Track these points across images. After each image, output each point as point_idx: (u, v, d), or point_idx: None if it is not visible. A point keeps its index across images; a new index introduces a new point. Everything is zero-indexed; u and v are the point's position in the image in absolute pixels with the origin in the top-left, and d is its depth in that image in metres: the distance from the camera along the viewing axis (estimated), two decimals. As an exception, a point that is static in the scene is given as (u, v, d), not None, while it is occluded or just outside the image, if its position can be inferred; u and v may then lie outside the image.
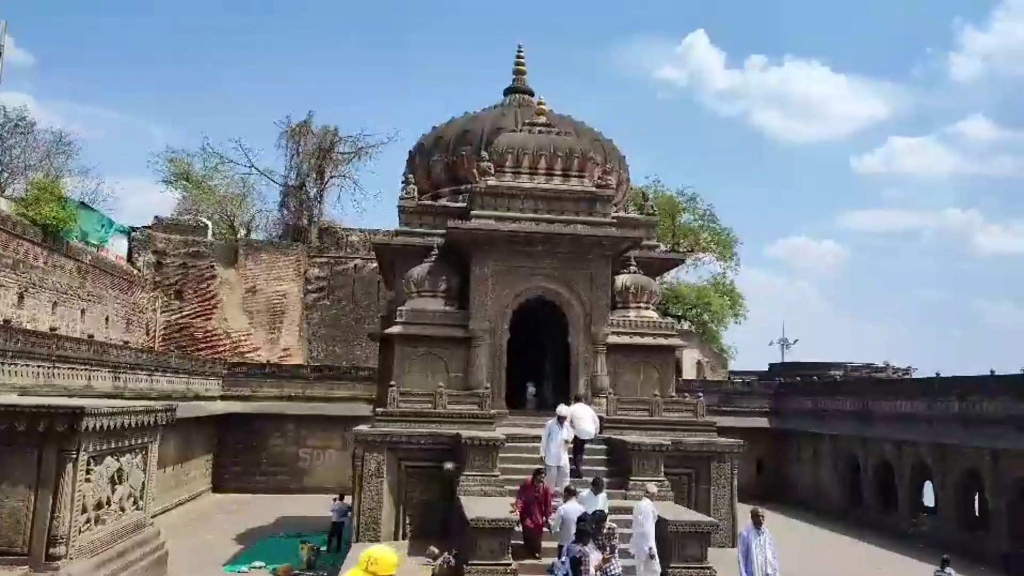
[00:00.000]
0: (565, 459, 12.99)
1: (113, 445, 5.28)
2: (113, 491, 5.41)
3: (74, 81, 76.94)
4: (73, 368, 16.71)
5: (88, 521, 4.92)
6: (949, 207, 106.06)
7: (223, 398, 26.44)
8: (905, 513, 21.31)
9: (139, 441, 5.77)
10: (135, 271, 30.68)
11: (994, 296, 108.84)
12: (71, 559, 4.60)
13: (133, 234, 32.40)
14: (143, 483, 5.92)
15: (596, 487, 10.97)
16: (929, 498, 21.67)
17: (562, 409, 13.42)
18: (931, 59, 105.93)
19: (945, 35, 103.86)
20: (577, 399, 15.14)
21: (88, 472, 4.85)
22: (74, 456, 4.75)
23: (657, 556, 10.64)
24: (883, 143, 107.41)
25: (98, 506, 5.09)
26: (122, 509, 5.57)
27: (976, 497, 19.93)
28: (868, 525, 22.05)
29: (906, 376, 33.23)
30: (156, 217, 34.99)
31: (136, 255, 31.52)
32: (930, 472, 20.60)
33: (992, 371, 19.42)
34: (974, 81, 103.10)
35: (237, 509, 22.68)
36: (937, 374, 21.84)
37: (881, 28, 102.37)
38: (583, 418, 13.95)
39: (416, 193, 19.18)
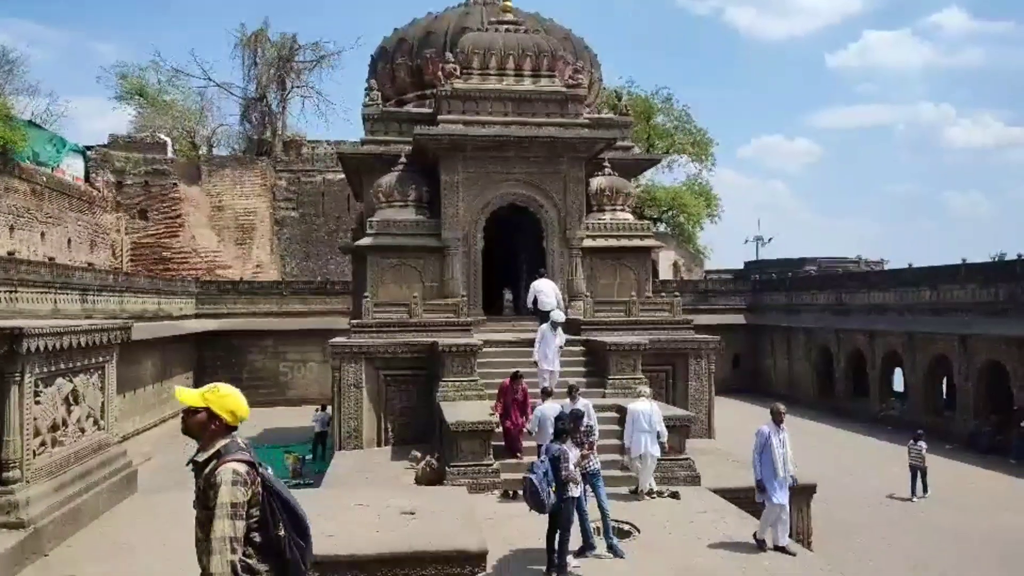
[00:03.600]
0: (558, 363, 13.02)
1: (63, 366, 5.04)
2: (69, 412, 5.21)
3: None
4: (38, 292, 16.26)
5: (43, 444, 4.74)
6: (922, 101, 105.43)
7: (198, 316, 26.17)
8: (876, 399, 21.97)
9: (93, 361, 5.52)
10: (95, 192, 29.60)
11: (964, 187, 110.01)
12: (27, 482, 4.45)
13: (89, 153, 31.06)
14: (102, 403, 5.72)
15: (572, 396, 10.92)
16: (899, 384, 22.33)
17: (556, 315, 13.35)
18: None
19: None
20: (540, 275, 15.42)
21: (37, 394, 4.63)
22: (18, 378, 4.51)
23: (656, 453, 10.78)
24: (857, 38, 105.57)
25: (53, 428, 4.90)
26: (81, 430, 5.38)
27: (944, 381, 20.54)
28: (841, 412, 22.76)
29: (879, 269, 33.66)
30: (111, 135, 33.56)
31: (94, 175, 30.31)
32: (900, 359, 21.11)
33: (963, 260, 19.60)
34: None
35: (221, 425, 22.79)
36: (909, 265, 22.06)
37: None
38: (544, 291, 14.61)
39: (380, 99, 18.43)
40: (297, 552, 3.23)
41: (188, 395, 3.26)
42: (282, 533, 3.17)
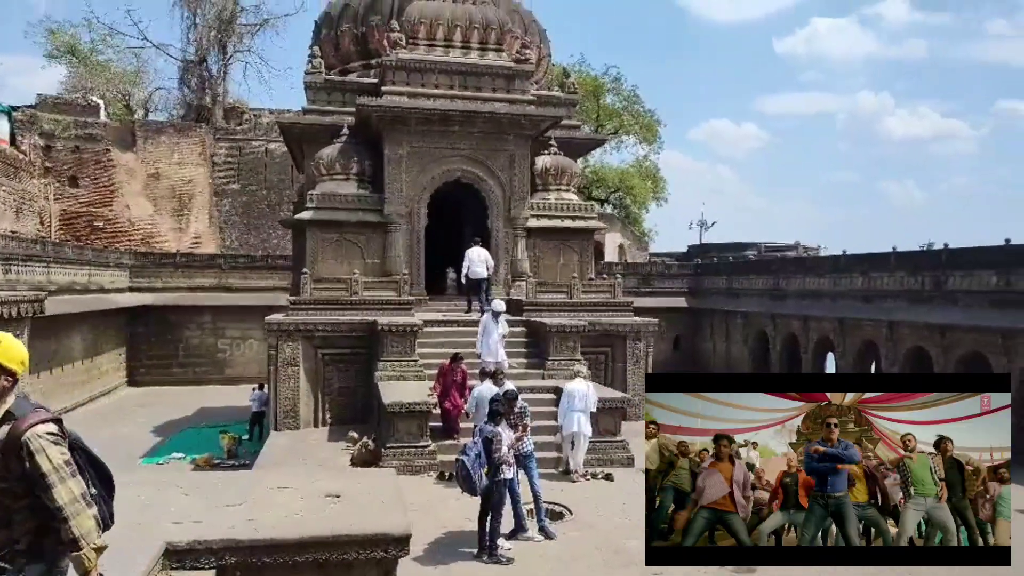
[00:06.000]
0: (503, 353, 12.69)
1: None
2: (-28, 390, 4.92)
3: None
4: (-47, 261, 15.42)
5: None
6: (863, 90, 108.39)
7: (132, 290, 25.26)
8: (807, 382, 22.66)
9: (0, 335, 5.24)
10: (20, 155, 28.15)
11: (900, 177, 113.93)
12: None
13: (15, 114, 29.45)
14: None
15: (496, 380, 10.70)
16: (831, 367, 23.06)
17: (497, 305, 13.12)
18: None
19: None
20: (475, 243, 15.47)
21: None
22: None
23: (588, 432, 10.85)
24: (805, 23, 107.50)
25: (-48, 407, 4.63)
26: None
27: (872, 366, 21.29)
28: (774, 394, 23.39)
29: (815, 255, 34.61)
30: (40, 95, 31.87)
31: (20, 138, 28.78)
32: (832, 344, 21.78)
33: (894, 248, 20.26)
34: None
35: (154, 402, 22.18)
36: (843, 252, 22.71)
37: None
38: (475, 260, 14.93)
39: (323, 67, 17.93)
40: (105, 508, 3.06)
41: None
42: (94, 491, 2.97)
